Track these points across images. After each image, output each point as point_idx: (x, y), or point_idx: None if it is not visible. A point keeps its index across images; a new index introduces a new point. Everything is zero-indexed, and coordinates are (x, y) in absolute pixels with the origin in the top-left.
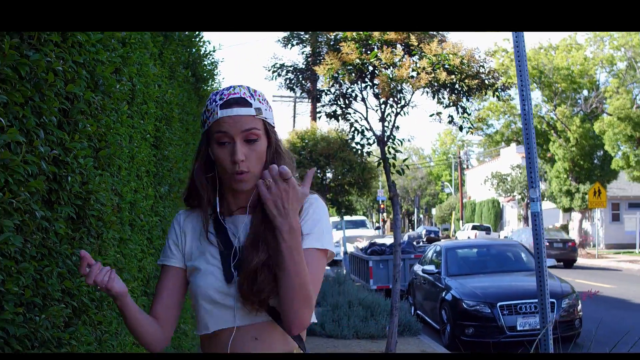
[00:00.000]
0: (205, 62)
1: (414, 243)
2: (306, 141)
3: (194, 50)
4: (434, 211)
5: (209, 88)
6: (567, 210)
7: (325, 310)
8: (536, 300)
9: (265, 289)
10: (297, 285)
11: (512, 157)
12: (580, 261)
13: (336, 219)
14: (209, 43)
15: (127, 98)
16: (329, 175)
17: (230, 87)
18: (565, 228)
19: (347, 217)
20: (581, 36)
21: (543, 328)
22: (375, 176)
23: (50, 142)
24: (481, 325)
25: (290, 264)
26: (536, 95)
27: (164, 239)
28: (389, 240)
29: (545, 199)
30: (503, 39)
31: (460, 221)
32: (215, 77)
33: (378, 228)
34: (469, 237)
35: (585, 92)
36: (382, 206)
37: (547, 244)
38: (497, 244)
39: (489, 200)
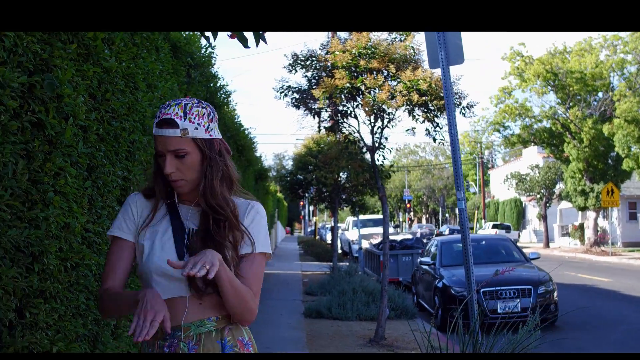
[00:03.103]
0: (220, 94)
1: (424, 240)
2: (322, 145)
3: (211, 84)
4: (457, 210)
5: (224, 114)
6: (583, 209)
7: (332, 296)
8: (515, 287)
9: (211, 281)
10: (238, 301)
11: (533, 157)
12: (593, 258)
13: (363, 217)
14: (223, 79)
15: None
16: (343, 176)
17: (168, 104)
18: (582, 227)
19: (367, 216)
20: (595, 40)
21: (469, 295)
22: (385, 178)
23: (122, 168)
24: (466, 308)
25: (231, 291)
26: (551, 98)
27: None
28: (402, 237)
29: (562, 198)
30: (518, 43)
31: (483, 220)
32: (229, 103)
33: (397, 226)
34: None
35: (600, 95)
36: (408, 205)
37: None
38: (489, 239)
39: (511, 199)
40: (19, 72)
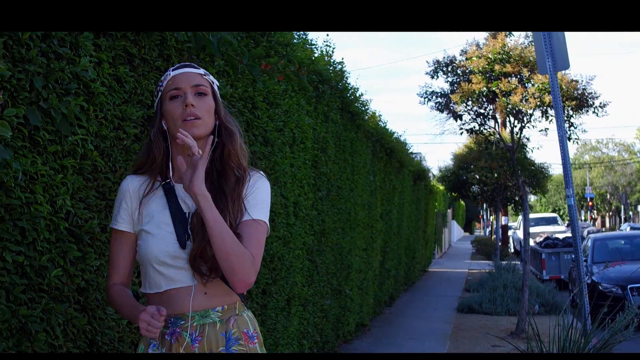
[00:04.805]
0: (358, 104)
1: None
2: (483, 145)
3: (348, 95)
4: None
5: (363, 122)
6: None
7: (484, 292)
8: None
9: (216, 264)
10: (229, 244)
11: None
12: None
13: (533, 215)
14: (358, 89)
15: (289, 143)
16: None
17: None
18: None
19: (537, 214)
20: None
21: (577, 288)
22: (547, 176)
23: None
24: (613, 304)
25: (216, 231)
26: None
27: (322, 226)
28: (565, 234)
29: None
30: None
31: None
32: (367, 111)
33: (568, 225)
34: None
35: None
36: (590, 204)
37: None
38: None
39: None
40: (139, 107)
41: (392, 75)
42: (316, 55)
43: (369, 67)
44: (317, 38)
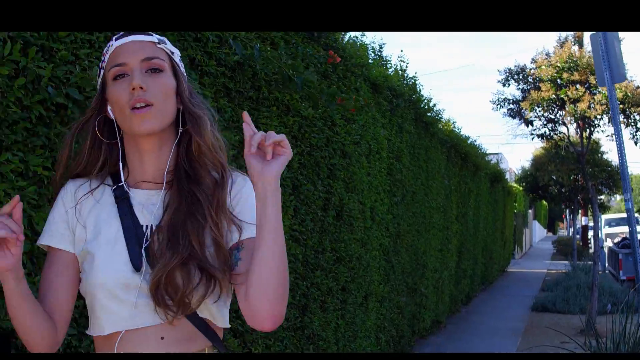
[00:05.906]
0: (432, 114)
1: None
2: (553, 150)
3: (422, 105)
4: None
5: (437, 129)
6: None
7: (558, 292)
8: None
9: (188, 293)
10: (282, 268)
11: None
12: None
13: (613, 216)
14: (431, 100)
15: (365, 154)
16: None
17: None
18: None
19: (618, 215)
20: None
21: (637, 284)
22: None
23: (324, 184)
24: None
25: (278, 245)
26: None
27: (397, 229)
28: None
29: None
30: None
31: None
32: (440, 119)
33: None
34: None
35: None
36: None
37: None
38: None
39: None
40: (235, 132)
41: (480, 74)
42: (390, 72)
43: (454, 67)
44: (392, 54)
